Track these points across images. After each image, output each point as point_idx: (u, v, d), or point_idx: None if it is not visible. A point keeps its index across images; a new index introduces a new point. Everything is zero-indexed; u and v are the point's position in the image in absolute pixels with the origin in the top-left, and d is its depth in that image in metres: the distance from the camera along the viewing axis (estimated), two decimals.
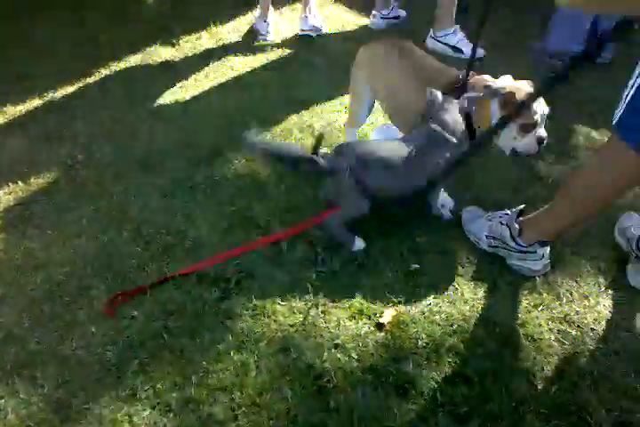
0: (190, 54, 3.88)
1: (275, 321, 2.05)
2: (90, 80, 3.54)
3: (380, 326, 2.04)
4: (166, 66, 3.73)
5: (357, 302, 2.13)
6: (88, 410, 1.80)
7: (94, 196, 2.63)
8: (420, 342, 1.99)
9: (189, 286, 2.18)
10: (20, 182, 2.72)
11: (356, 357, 1.95)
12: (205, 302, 2.12)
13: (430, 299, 2.15)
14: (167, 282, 2.18)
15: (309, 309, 2.11)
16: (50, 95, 3.37)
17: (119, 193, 2.65)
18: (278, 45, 3.96)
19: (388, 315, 2.07)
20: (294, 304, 2.12)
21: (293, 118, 3.20)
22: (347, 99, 3.35)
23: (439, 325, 2.05)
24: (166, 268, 2.26)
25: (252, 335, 2.00)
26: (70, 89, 3.44)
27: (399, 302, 2.13)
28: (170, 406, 1.81)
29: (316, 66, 3.70)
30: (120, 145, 2.97)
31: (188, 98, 3.38)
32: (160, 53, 3.84)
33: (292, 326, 2.05)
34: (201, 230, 2.44)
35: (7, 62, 3.68)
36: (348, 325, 2.05)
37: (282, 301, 2.13)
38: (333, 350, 1.96)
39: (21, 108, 3.26)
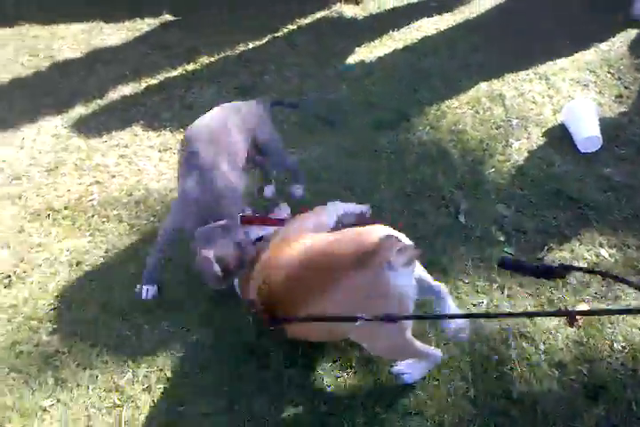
0: (374, 13, 3.78)
1: (457, 298, 1.98)
2: (279, 35, 3.57)
3: (571, 321, 1.89)
4: (351, 24, 3.66)
5: (547, 289, 1.99)
6: None
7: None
8: (615, 345, 1.83)
9: None
10: None
11: (543, 349, 1.83)
12: None
13: (630, 300, 1.95)
14: None
15: (494, 290, 2.01)
16: (241, 49, 3.46)
17: (305, 149, 2.68)
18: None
19: (581, 308, 1.91)
20: (478, 283, 2.03)
21: (482, 87, 3.02)
22: (541, 69, 3.11)
23: None
24: None
25: None
26: (261, 44, 3.51)
27: (594, 298, 1.96)
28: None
29: (512, 28, 3.44)
30: (303, 102, 2.99)
31: (373, 59, 3.31)
32: (345, 11, 3.78)
33: (474, 305, 1.97)
34: (384, 195, 2.41)
35: (203, 17, 3.82)
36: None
37: (465, 278, 2.05)
38: (519, 339, 1.86)
39: (215, 61, 3.38)
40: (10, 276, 2.18)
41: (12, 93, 3.15)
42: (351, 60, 3.31)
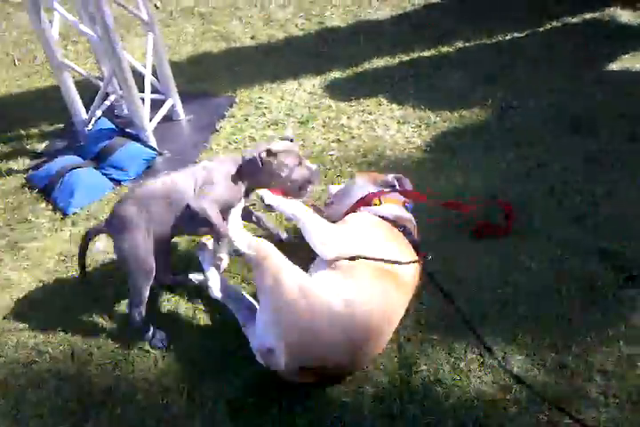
0: None
1: None
2: (540, 30, 3.53)
3: None
4: (622, 29, 3.47)
5: None
6: None
7: (520, 144, 2.72)
8: None
9: None
10: (449, 113, 2.96)
11: None
12: None
13: None
14: None
15: None
16: (497, 39, 3.49)
17: (541, 152, 2.68)
18: None
19: None
20: None
21: None
22: None
23: None
24: None
25: None
26: (519, 36, 3.50)
27: None
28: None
29: None
30: (554, 102, 2.96)
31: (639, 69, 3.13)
32: (619, 15, 3.58)
33: None
34: (623, 208, 2.34)
35: (465, 3, 3.89)
36: None
37: None
38: None
39: (467, 47, 3.46)
40: None
41: (284, 50, 3.57)
42: (614, 66, 3.17)
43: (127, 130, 2.86)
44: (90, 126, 2.94)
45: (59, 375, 2.03)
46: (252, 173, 2.04)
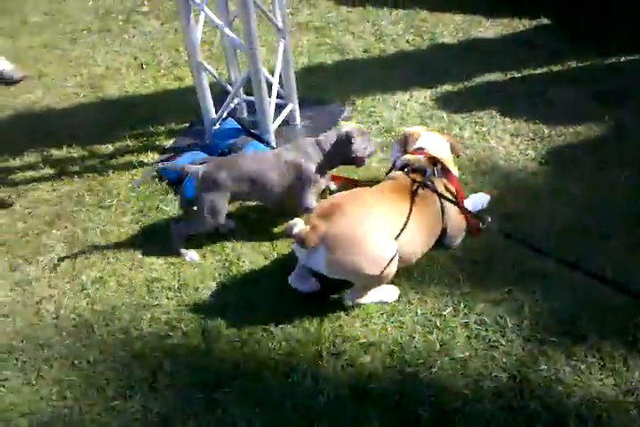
0: None
1: None
2: None
3: None
4: None
5: None
6: None
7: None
8: None
9: None
10: (563, 128, 2.99)
11: None
12: None
13: None
14: None
15: None
16: (612, 59, 3.49)
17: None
18: None
19: None
20: None
21: None
22: None
23: None
24: None
25: None
26: (627, 59, 3.50)
27: None
28: None
29: None
30: None
31: None
32: None
33: None
34: None
35: (576, 22, 3.92)
36: None
37: None
38: None
39: (579, 65, 3.47)
40: None
41: (395, 64, 3.70)
42: None
43: (252, 131, 3.05)
44: (217, 125, 3.15)
45: (191, 349, 2.19)
46: (340, 151, 2.51)
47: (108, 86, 3.80)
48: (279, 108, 3.19)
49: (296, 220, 2.20)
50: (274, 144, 3.06)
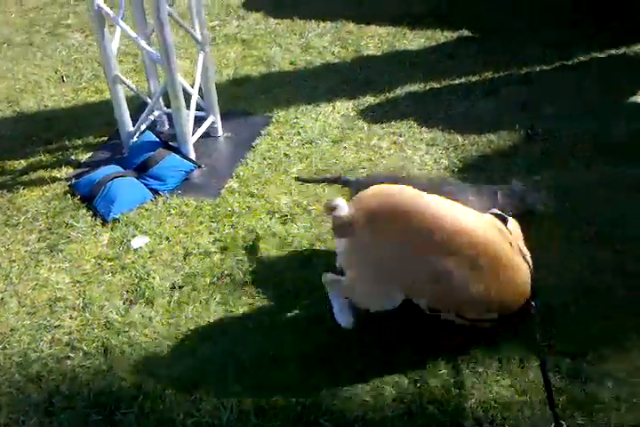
0: None
1: None
2: (569, 64, 3.63)
3: None
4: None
5: None
6: None
7: (548, 167, 2.81)
8: None
9: None
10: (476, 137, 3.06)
11: None
12: None
13: None
14: None
15: None
16: (526, 70, 3.59)
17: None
18: None
19: None
20: None
21: None
22: None
23: None
24: None
25: None
26: (546, 69, 3.60)
27: None
28: None
29: None
30: (584, 129, 3.03)
31: None
32: None
33: None
34: None
35: (498, 36, 4.02)
36: None
37: None
38: None
39: (498, 78, 3.55)
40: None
41: (320, 75, 3.70)
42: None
43: (170, 143, 3.00)
44: (135, 139, 3.09)
45: (91, 370, 2.11)
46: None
47: (27, 100, 3.69)
48: (200, 120, 3.15)
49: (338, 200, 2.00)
50: (193, 157, 3.02)
